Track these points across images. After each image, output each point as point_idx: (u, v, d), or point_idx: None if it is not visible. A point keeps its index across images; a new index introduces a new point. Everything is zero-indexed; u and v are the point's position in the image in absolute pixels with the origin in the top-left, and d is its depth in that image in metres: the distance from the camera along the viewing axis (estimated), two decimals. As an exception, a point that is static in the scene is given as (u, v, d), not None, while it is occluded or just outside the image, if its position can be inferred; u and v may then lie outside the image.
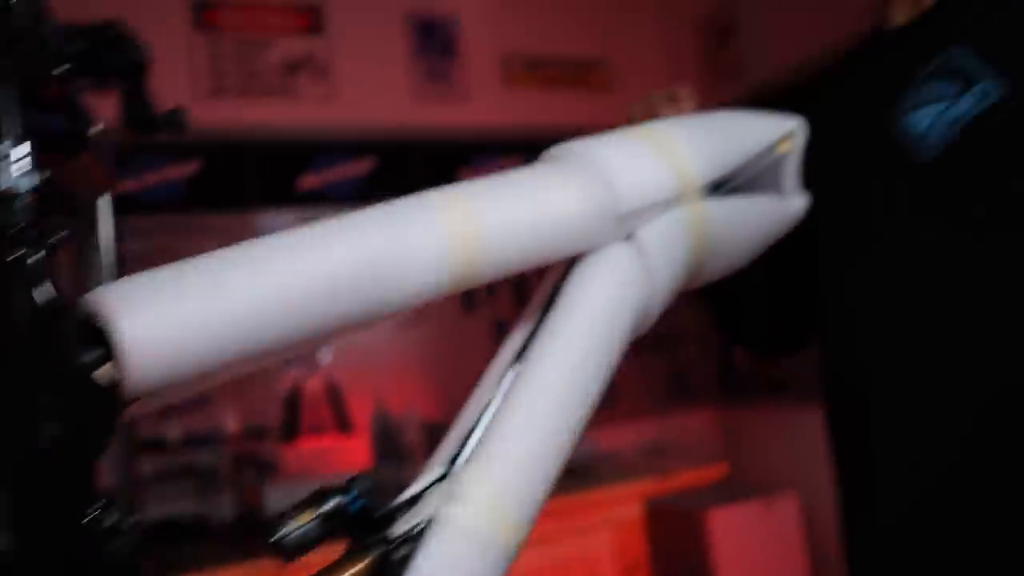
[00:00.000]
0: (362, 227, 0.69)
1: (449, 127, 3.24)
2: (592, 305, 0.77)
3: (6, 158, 0.60)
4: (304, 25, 3.05)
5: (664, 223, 0.81)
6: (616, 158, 0.79)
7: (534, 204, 0.75)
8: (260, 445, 2.76)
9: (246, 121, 2.93)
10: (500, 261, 0.74)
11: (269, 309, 0.65)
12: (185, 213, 2.82)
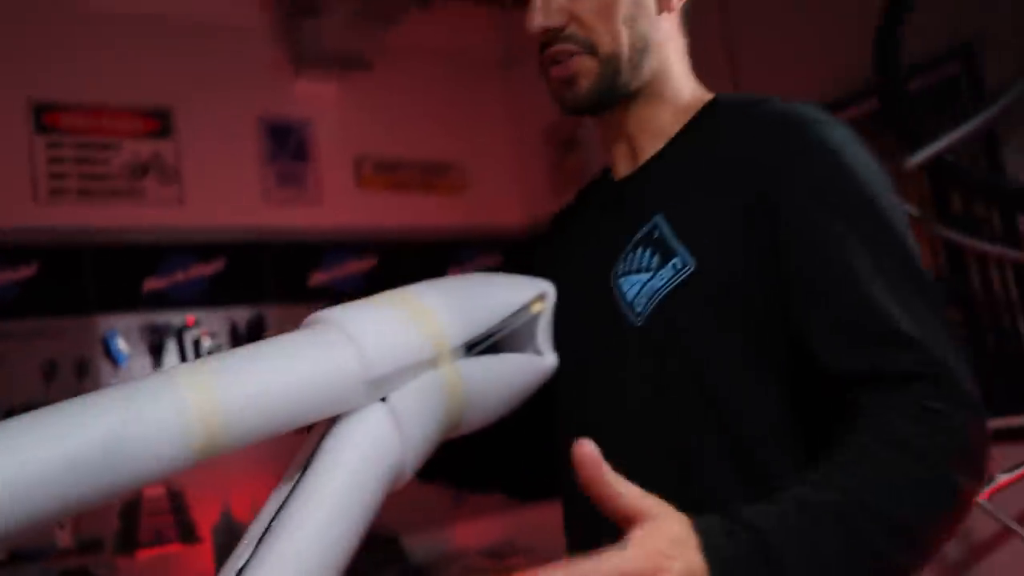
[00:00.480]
0: (102, 408, 0.72)
1: (301, 228, 3.27)
2: (344, 466, 0.81)
3: None
4: (151, 128, 3.04)
5: (418, 384, 0.87)
6: (369, 325, 0.85)
7: (281, 375, 0.80)
8: (95, 558, 2.64)
9: (88, 224, 2.88)
10: (247, 431, 0.78)
11: (11, 497, 0.66)
12: (21, 317, 2.72)
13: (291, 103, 3.34)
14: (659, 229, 0.92)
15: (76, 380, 2.77)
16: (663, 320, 0.88)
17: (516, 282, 0.98)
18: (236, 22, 3.24)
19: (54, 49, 2.92)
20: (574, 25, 0.93)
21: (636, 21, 0.94)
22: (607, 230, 0.99)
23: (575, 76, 0.94)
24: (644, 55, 0.95)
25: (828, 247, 0.81)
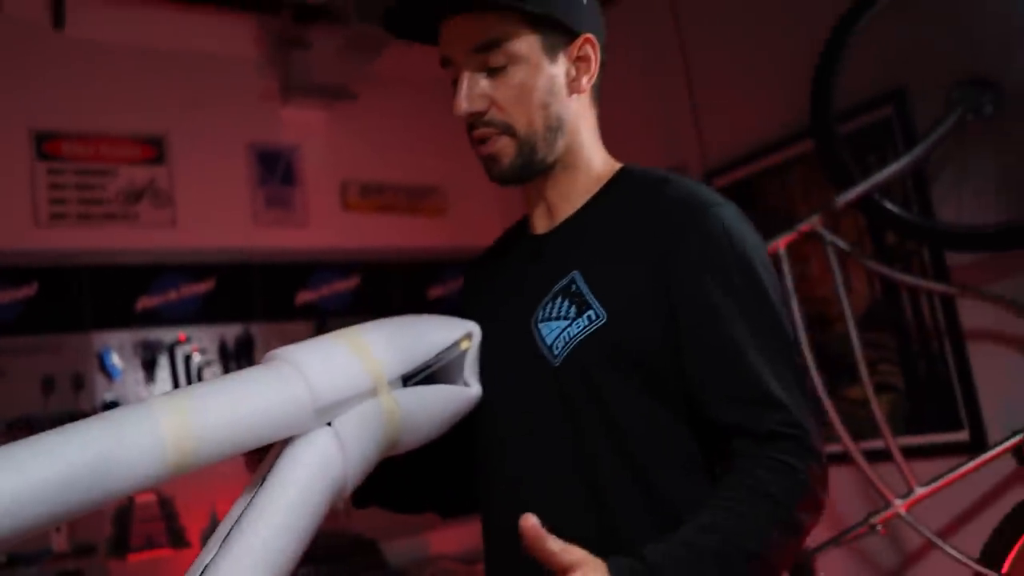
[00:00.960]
0: (91, 434, 0.87)
1: (288, 249, 3.42)
2: (292, 483, 0.97)
3: None
4: (147, 155, 3.20)
5: (359, 411, 1.02)
6: (315, 362, 1.00)
7: (241, 404, 0.95)
8: (88, 562, 2.78)
9: (86, 246, 3.03)
10: (214, 451, 0.93)
11: (13, 508, 0.81)
12: (21, 334, 2.88)
13: (280, 130, 3.50)
14: (576, 284, 1.07)
15: (73, 393, 2.91)
16: (577, 362, 1.03)
17: (447, 322, 1.13)
18: (228, 53, 3.41)
19: (55, 80, 3.08)
20: (494, 110, 1.07)
21: (549, 105, 1.08)
22: (527, 279, 1.14)
23: (496, 155, 1.09)
24: (557, 133, 1.10)
25: (714, 318, 0.98)
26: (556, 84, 1.09)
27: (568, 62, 1.10)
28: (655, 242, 1.03)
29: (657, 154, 3.08)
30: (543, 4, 1.06)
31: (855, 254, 2.12)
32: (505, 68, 1.07)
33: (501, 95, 1.07)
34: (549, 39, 1.08)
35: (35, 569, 2.72)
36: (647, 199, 1.08)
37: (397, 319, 1.13)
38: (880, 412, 2.05)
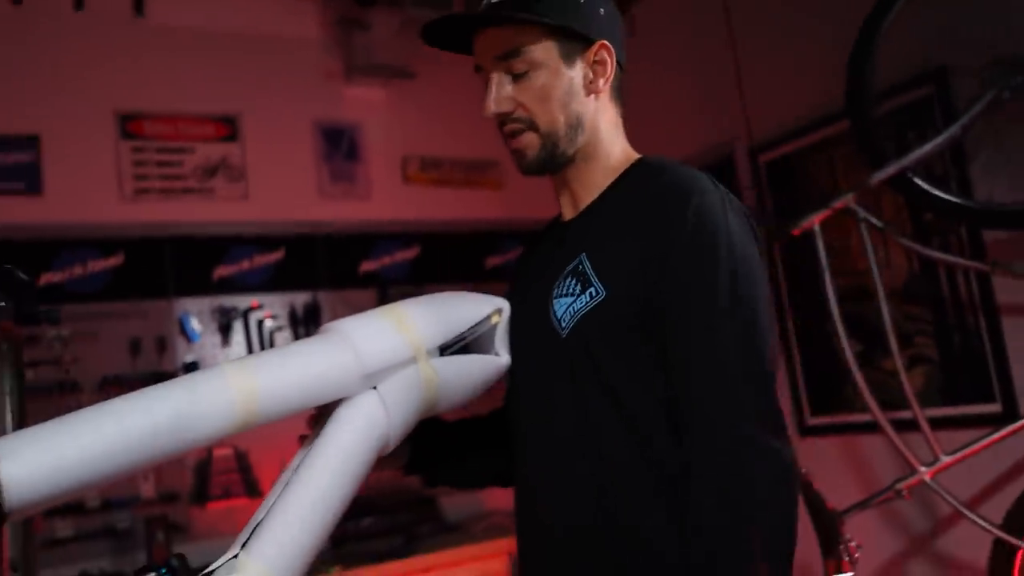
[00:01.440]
0: (173, 393, 1.03)
1: (352, 221, 3.60)
2: (342, 438, 1.12)
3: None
4: (221, 133, 3.40)
5: (401, 377, 1.17)
6: (363, 333, 1.15)
7: (299, 369, 1.11)
8: (172, 508, 3.04)
9: (167, 219, 3.25)
10: (274, 410, 1.09)
11: (108, 454, 0.98)
12: (110, 300, 3.12)
13: (343, 108, 3.66)
14: (582, 264, 1.19)
15: (157, 355, 3.15)
16: (580, 333, 1.16)
17: (480, 299, 1.27)
18: (295, 35, 3.57)
19: (137, 64, 3.28)
20: (520, 110, 1.20)
21: (568, 105, 1.20)
22: (552, 261, 1.27)
23: (523, 149, 1.22)
24: (577, 130, 1.22)
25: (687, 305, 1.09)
26: (574, 86, 1.21)
27: (585, 66, 1.21)
28: (647, 225, 1.14)
29: (704, 131, 3.15)
30: (560, 16, 1.17)
31: (889, 231, 2.18)
32: (527, 73, 1.19)
33: (525, 97, 1.19)
34: (566, 46, 1.19)
35: (126, 513, 2.98)
36: (645, 186, 1.19)
37: (437, 295, 1.27)
38: (908, 383, 2.12)
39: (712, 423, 1.05)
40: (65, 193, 3.12)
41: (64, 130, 3.15)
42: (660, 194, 1.15)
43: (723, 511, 1.02)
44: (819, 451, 2.74)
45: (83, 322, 3.03)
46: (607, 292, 1.14)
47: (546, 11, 1.17)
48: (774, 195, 2.87)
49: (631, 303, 1.13)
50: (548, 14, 1.17)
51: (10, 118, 3.07)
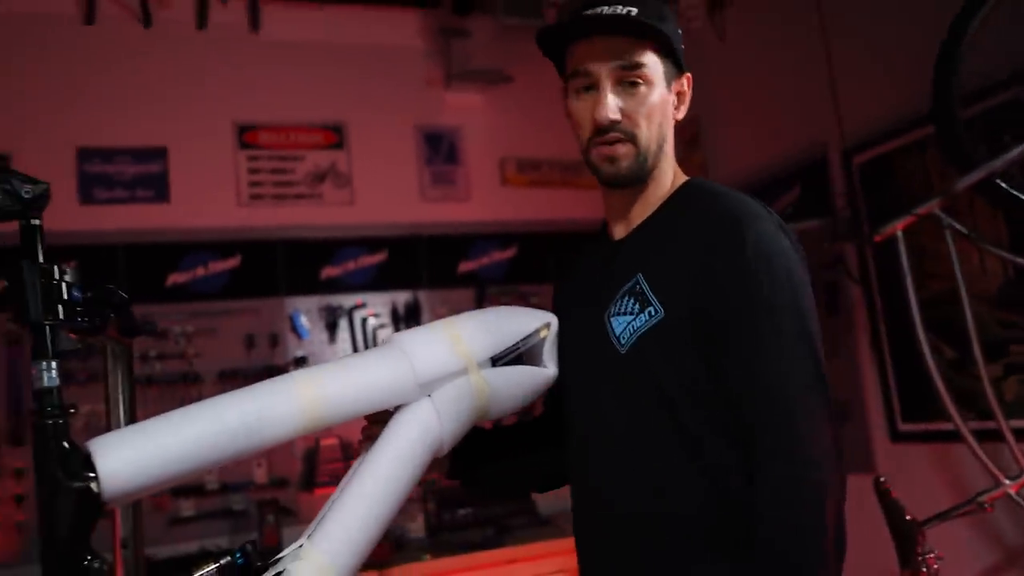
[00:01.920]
0: (250, 399, 1.16)
1: (452, 223, 3.73)
2: (397, 442, 1.23)
3: (48, 368, 1.08)
4: (328, 141, 3.60)
5: (454, 386, 1.27)
6: (418, 347, 1.25)
7: (360, 379, 1.22)
8: (282, 493, 3.26)
9: (279, 223, 3.48)
10: (338, 415, 1.21)
11: (193, 451, 1.11)
12: (228, 299, 3.37)
13: (443, 113, 3.80)
14: (640, 284, 1.25)
15: (270, 349, 3.38)
16: (639, 350, 1.23)
17: (529, 313, 1.35)
18: (397, 45, 3.73)
19: (252, 78, 3.52)
20: (625, 120, 1.25)
21: (663, 124, 1.26)
22: (604, 279, 1.33)
23: (619, 157, 1.25)
24: (661, 150, 1.28)
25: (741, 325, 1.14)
26: (668, 108, 1.27)
27: (674, 93, 1.28)
28: (704, 249, 1.19)
29: (797, 133, 3.11)
30: (676, 40, 1.25)
31: (973, 237, 2.12)
32: (639, 86, 1.23)
33: (632, 109, 1.23)
34: (670, 70, 1.26)
35: (241, 495, 3.23)
36: (701, 211, 1.24)
37: (490, 310, 1.36)
38: (992, 391, 2.06)
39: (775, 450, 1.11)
40: (189, 200, 3.38)
41: (188, 142, 3.41)
42: (718, 219, 1.20)
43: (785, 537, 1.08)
44: (911, 458, 2.69)
45: (204, 319, 3.29)
46: (665, 312, 1.20)
47: (669, 31, 1.23)
48: (867, 198, 2.81)
49: (688, 323, 1.18)
50: (672, 37, 1.24)
51: (142, 132, 3.36)
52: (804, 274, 1.19)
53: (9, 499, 3.00)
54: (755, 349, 1.13)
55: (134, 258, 3.27)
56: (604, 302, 1.30)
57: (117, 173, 3.31)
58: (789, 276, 1.16)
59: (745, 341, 1.14)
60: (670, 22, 1.25)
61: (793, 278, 1.16)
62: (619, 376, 1.26)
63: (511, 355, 1.33)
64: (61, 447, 1.06)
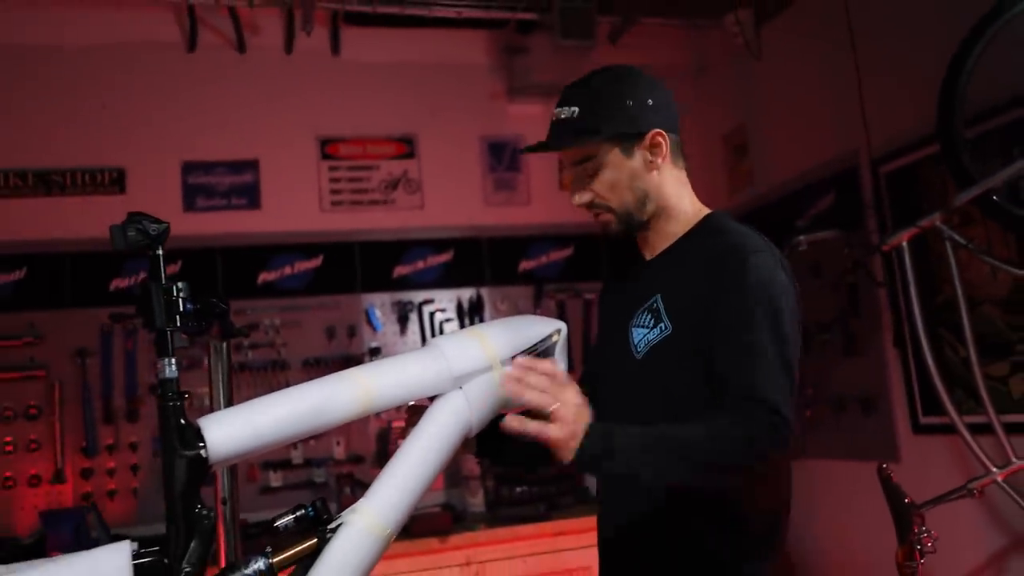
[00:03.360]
0: (319, 388, 1.48)
1: (513, 225, 4.03)
2: (436, 422, 1.53)
3: (169, 363, 1.42)
4: (401, 151, 3.94)
5: (482, 380, 1.56)
6: (452, 348, 1.55)
7: (406, 373, 1.52)
8: (358, 468, 3.63)
9: (356, 226, 3.84)
10: (388, 402, 1.51)
11: (278, 427, 1.43)
12: (312, 295, 3.74)
13: (506, 124, 4.10)
14: (657, 303, 1.52)
15: (348, 340, 3.74)
16: (650, 359, 1.50)
17: (545, 321, 1.63)
18: (464, 62, 4.03)
19: (333, 95, 3.88)
20: (598, 197, 1.54)
21: (634, 186, 1.53)
22: (632, 294, 1.60)
23: (606, 223, 1.56)
24: (645, 202, 1.54)
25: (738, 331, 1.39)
26: (635, 171, 1.53)
27: (643, 151, 1.53)
28: (709, 277, 1.45)
29: (827, 144, 3.29)
30: (612, 126, 1.49)
31: (971, 248, 2.30)
32: (597, 172, 1.52)
33: (598, 188, 1.53)
34: (624, 144, 1.52)
35: (322, 469, 3.60)
36: (710, 243, 1.51)
37: (512, 318, 1.65)
38: (984, 387, 2.25)
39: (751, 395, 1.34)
40: (277, 207, 3.77)
41: (277, 154, 3.80)
42: (723, 253, 1.46)
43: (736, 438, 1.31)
44: (930, 448, 2.87)
45: (291, 313, 3.67)
46: (673, 328, 1.48)
47: (601, 124, 1.49)
48: (893, 206, 2.99)
49: (690, 337, 1.45)
50: (602, 128, 1.49)
51: (237, 146, 3.75)
52: (793, 302, 1.44)
53: (126, 468, 3.44)
54: (744, 344, 1.37)
55: (230, 259, 3.67)
56: (629, 313, 1.58)
57: (216, 183, 3.72)
58: (772, 300, 1.40)
59: (733, 337, 1.39)
60: (612, 106, 1.49)
61: (780, 303, 1.41)
62: (635, 378, 1.54)
63: (528, 355, 1.62)
64: (179, 423, 1.39)
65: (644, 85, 1.55)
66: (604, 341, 1.67)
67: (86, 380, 3.42)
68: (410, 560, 3.06)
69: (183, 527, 1.37)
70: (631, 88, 1.53)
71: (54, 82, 3.58)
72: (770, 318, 1.39)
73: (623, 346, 1.56)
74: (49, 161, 3.54)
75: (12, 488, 3.30)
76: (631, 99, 1.52)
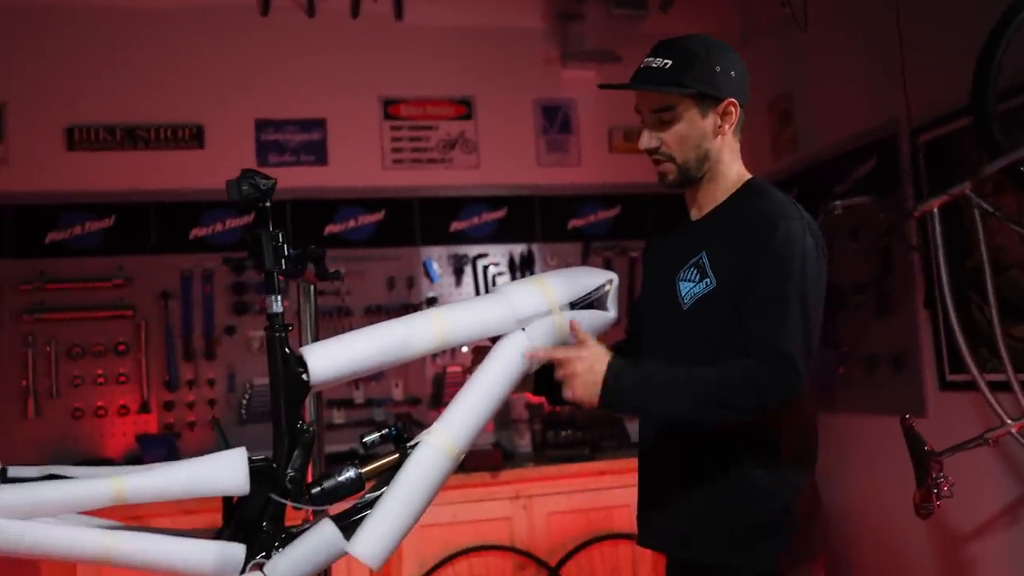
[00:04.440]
0: (404, 323, 1.69)
1: (563, 185, 4.21)
2: (500, 359, 1.74)
3: (276, 300, 1.64)
4: (459, 113, 4.13)
5: (542, 322, 1.76)
6: (516, 294, 1.75)
7: (475, 314, 1.73)
8: (415, 409, 3.88)
9: (416, 183, 4.05)
10: (460, 338, 1.73)
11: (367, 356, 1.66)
12: (374, 247, 3.98)
13: (559, 88, 4.25)
14: (702, 260, 1.71)
15: (407, 290, 3.98)
16: (696, 310, 1.70)
17: (598, 272, 1.82)
18: (520, 27, 4.19)
19: (395, 59, 4.06)
20: (664, 146, 1.71)
21: (700, 145, 1.70)
22: (679, 250, 1.79)
23: (664, 173, 1.74)
24: (704, 161, 1.72)
25: (764, 290, 1.59)
26: (705, 131, 1.70)
27: (716, 116, 1.70)
28: (747, 237, 1.64)
29: (867, 110, 3.40)
30: (699, 84, 1.65)
31: (999, 215, 2.43)
32: (671, 123, 1.69)
33: (668, 139, 1.70)
34: (702, 104, 1.68)
35: (381, 409, 3.87)
36: (749, 208, 1.69)
37: (570, 269, 1.85)
38: (1005, 346, 2.39)
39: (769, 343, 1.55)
40: (343, 163, 3.99)
41: (343, 114, 4.01)
42: (758, 216, 1.65)
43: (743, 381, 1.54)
44: (955, 404, 3.01)
45: (354, 263, 3.92)
46: (717, 283, 1.67)
47: (690, 81, 1.65)
48: (930, 174, 3.10)
49: (730, 291, 1.64)
50: (691, 84, 1.65)
51: (306, 106, 3.97)
52: (818, 266, 1.62)
53: (204, 402, 3.74)
54: (772, 298, 1.57)
55: (299, 212, 3.91)
56: (676, 268, 1.77)
57: (286, 140, 3.95)
58: (804, 262, 1.59)
59: (759, 292, 1.59)
60: (702, 68, 1.65)
61: (804, 265, 1.59)
62: (681, 327, 1.74)
63: (584, 302, 1.81)
64: (283, 351, 1.62)
65: (731, 58, 1.71)
66: (651, 291, 1.86)
67: (168, 320, 3.71)
68: (464, 492, 3.31)
69: (288, 439, 1.61)
70: (719, 56, 1.69)
71: (140, 44, 3.83)
72: (793, 278, 1.58)
73: (671, 297, 1.75)
74: (136, 117, 3.80)
75: (104, 417, 3.61)
76: (719, 66, 1.68)
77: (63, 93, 3.74)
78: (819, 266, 1.63)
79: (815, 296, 1.61)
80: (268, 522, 1.58)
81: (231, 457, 1.56)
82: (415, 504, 1.62)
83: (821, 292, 1.63)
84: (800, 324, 1.56)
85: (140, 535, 1.53)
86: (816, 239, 1.64)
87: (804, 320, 1.57)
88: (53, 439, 3.53)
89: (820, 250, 1.65)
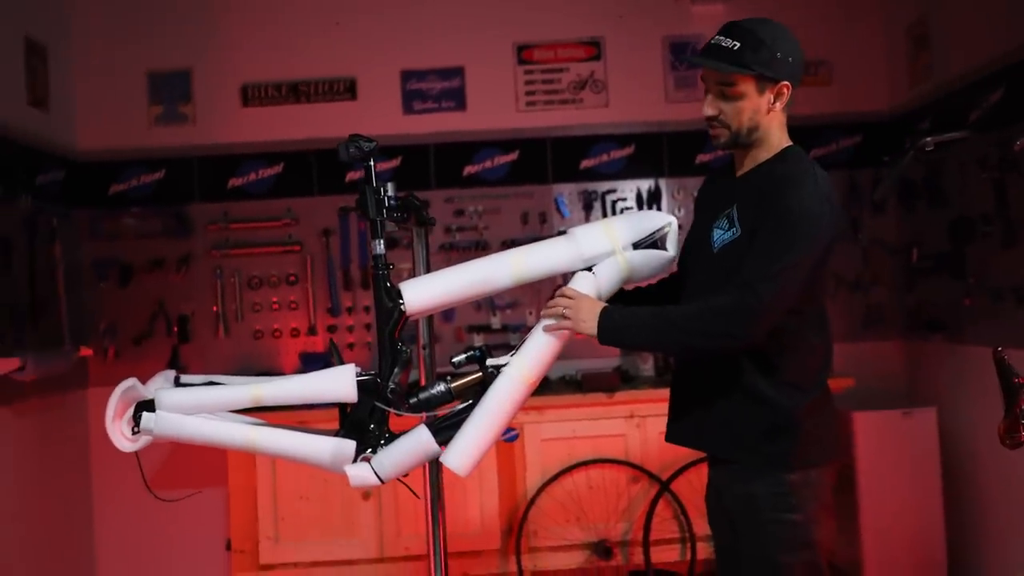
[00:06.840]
0: (486, 262, 1.98)
1: (692, 120, 4.27)
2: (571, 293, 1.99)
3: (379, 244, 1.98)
4: (588, 54, 4.29)
5: (608, 262, 2.00)
6: (583, 235, 1.99)
7: (550, 253, 1.99)
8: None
9: (548, 124, 4.28)
10: (533, 275, 1.99)
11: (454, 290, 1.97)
12: (509, 185, 4.27)
13: (690, 24, 4.30)
14: (732, 212, 1.91)
15: (539, 225, 4.25)
16: (722, 253, 1.91)
17: (659, 215, 2.02)
18: (649, -34, 4.26)
19: (529, 4, 4.27)
20: (722, 115, 1.92)
21: (753, 118, 1.89)
22: (719, 200, 1.99)
23: (717, 136, 1.95)
24: (753, 131, 1.91)
25: (759, 243, 1.79)
26: (760, 107, 1.90)
27: (771, 94, 1.89)
28: (765, 196, 1.84)
29: (1002, 34, 3.25)
30: (760, 66, 1.85)
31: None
32: (730, 96, 1.90)
33: (727, 109, 1.92)
34: (761, 82, 1.88)
35: (517, 333, 4.20)
36: (773, 171, 1.89)
37: (634, 213, 2.08)
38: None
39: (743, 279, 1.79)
40: (480, 108, 4.28)
41: (479, 61, 4.28)
42: (777, 179, 1.86)
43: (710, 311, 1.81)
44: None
45: (491, 200, 4.23)
46: (740, 233, 1.88)
47: (753, 63, 1.85)
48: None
49: (747, 242, 1.85)
50: (753, 66, 1.85)
51: (446, 55, 4.28)
52: (819, 232, 1.81)
53: (362, 326, 4.23)
54: (766, 250, 1.79)
55: (441, 154, 4.26)
56: (715, 215, 1.98)
57: (428, 89, 4.28)
58: (800, 227, 1.79)
59: (763, 245, 1.80)
60: (766, 53, 1.83)
61: (802, 229, 1.79)
62: (711, 268, 1.96)
63: (646, 243, 2.02)
64: (386, 286, 1.96)
65: (791, 45, 1.90)
66: (694, 234, 2.09)
67: (330, 254, 4.21)
68: (583, 410, 3.61)
69: (389, 358, 1.95)
70: (781, 44, 1.88)
71: (300, 5, 4.25)
72: (786, 238, 1.78)
73: (706, 241, 1.98)
74: (298, 73, 4.25)
75: (279, 338, 4.19)
76: (779, 52, 1.87)
77: (237, 56, 4.24)
78: (820, 232, 1.81)
79: (807, 257, 1.80)
80: (375, 425, 1.94)
81: (344, 372, 1.92)
82: (495, 426, 1.91)
83: (814, 255, 1.82)
84: (777, 275, 1.77)
85: (276, 430, 1.94)
86: (828, 207, 1.82)
87: (782, 272, 1.77)
88: (240, 355, 4.15)
89: (832, 217, 1.83)
